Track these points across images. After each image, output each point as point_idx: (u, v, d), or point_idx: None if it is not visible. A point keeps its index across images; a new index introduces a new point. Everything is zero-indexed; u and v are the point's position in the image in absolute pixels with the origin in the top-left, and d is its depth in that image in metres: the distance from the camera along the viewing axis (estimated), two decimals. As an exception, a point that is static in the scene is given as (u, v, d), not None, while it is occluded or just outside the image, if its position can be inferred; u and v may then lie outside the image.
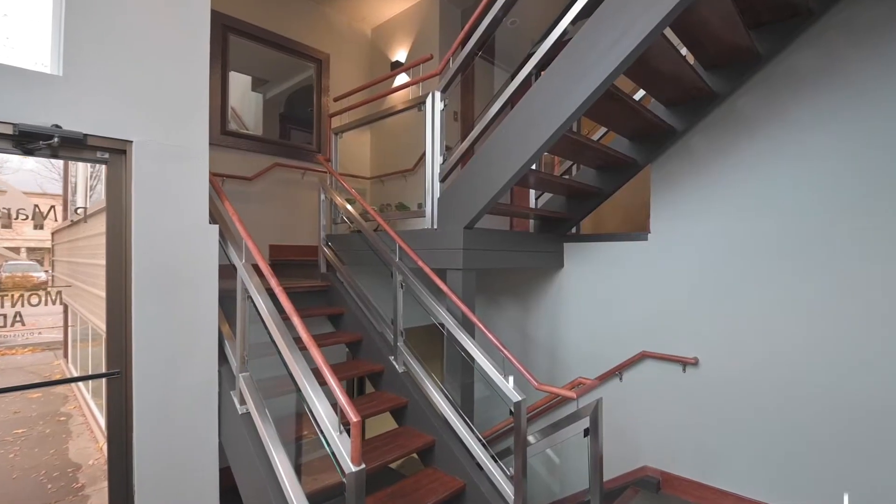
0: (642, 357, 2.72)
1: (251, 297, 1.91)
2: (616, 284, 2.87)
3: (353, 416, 1.30)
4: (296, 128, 4.60)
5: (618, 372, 2.82)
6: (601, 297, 2.94)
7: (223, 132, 3.75)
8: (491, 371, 2.09)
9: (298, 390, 1.56)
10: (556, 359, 3.14)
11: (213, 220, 2.17)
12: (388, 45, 4.70)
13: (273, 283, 1.78)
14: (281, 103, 4.57)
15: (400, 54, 4.46)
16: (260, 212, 3.98)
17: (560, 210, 2.99)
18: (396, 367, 2.57)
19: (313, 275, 3.34)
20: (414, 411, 2.45)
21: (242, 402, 1.94)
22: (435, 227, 2.49)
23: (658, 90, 2.39)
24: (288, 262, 3.90)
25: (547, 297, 3.21)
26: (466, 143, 2.30)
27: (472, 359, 2.17)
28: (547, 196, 3.19)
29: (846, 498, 2.10)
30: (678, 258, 2.63)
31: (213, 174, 3.86)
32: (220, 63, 3.74)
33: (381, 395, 2.60)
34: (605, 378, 2.86)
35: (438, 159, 2.47)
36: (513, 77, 2.03)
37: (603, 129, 2.89)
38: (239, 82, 4.40)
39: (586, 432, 2.03)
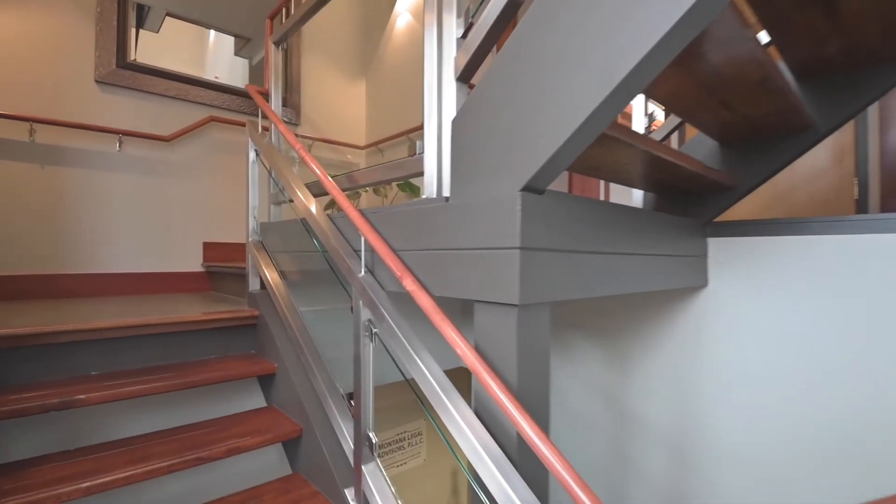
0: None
1: None
2: (843, 327, 1.31)
3: None
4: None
5: (860, 527, 1.26)
6: (804, 354, 1.39)
7: (121, 65, 2.39)
8: None
9: None
10: (691, 468, 1.60)
11: None
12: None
13: None
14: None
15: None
16: (186, 191, 2.61)
17: (714, 165, 1.45)
18: (359, 518, 1.11)
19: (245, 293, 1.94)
20: None
21: None
22: (445, 194, 1.02)
23: None
24: (225, 271, 2.50)
25: (670, 343, 1.67)
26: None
27: None
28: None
29: None
30: None
31: (100, 128, 2.46)
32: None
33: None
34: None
35: (454, 24, 0.99)
36: None
37: None
38: (222, 46, 3.09)
39: None
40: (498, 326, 0.84)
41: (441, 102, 1.01)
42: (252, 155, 1.84)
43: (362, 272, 1.16)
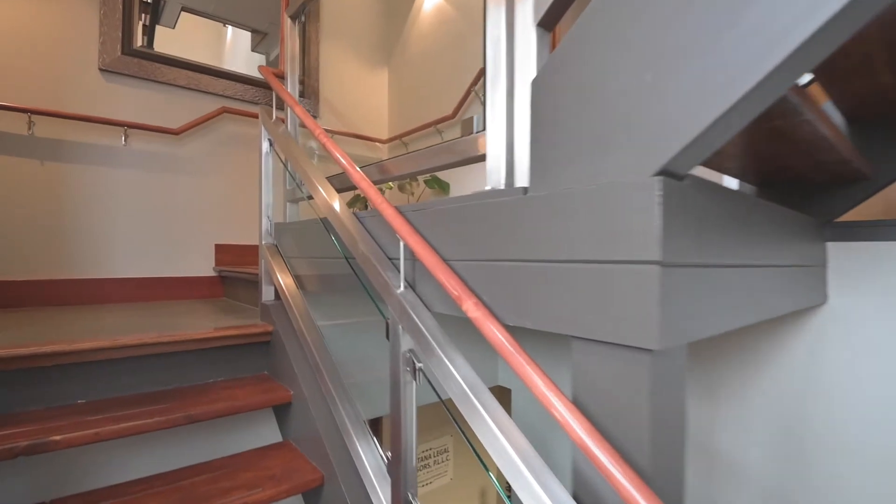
0: None
1: None
2: None
3: None
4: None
5: None
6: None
7: (126, 52, 2.19)
8: None
9: None
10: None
11: None
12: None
13: None
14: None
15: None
16: (197, 188, 2.40)
17: (853, 148, 1.14)
18: None
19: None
20: None
21: None
22: (520, 184, 0.74)
23: None
24: (238, 276, 2.28)
25: (775, 372, 1.36)
26: None
27: None
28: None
29: None
30: None
31: (104, 120, 2.20)
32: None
33: None
34: None
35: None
36: None
37: None
38: (239, 43, 2.90)
39: None
40: (618, 379, 0.56)
41: (513, 58, 0.74)
42: (265, 146, 1.60)
43: (401, 287, 0.90)
